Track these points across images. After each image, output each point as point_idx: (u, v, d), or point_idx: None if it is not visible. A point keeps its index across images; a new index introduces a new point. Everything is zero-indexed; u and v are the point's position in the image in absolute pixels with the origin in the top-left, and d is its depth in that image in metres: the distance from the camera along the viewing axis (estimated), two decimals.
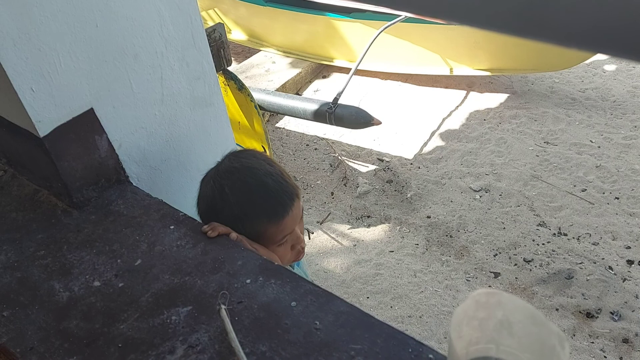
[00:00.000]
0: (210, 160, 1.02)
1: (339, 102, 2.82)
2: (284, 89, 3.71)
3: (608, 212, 2.56)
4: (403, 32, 3.33)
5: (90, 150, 0.99)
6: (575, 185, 2.74)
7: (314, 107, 2.88)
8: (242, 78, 2.28)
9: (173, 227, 0.94)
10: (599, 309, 2.13)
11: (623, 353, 1.98)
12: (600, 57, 3.66)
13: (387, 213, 2.75)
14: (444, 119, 3.39)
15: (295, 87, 3.88)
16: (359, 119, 2.80)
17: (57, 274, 0.87)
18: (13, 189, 1.08)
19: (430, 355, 0.66)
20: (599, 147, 2.99)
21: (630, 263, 2.30)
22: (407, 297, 2.27)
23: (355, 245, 2.60)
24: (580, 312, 2.14)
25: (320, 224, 2.73)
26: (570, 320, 2.11)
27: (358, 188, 2.91)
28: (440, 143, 3.20)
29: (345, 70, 3.76)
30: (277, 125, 3.55)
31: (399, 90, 3.74)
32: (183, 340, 0.73)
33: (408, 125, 3.37)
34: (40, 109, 0.89)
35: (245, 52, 4.44)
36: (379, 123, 2.80)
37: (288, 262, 1.03)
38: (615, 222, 2.49)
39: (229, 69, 2.06)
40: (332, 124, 2.89)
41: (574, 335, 2.05)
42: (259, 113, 2.19)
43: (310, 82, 4.00)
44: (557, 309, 2.16)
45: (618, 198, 2.63)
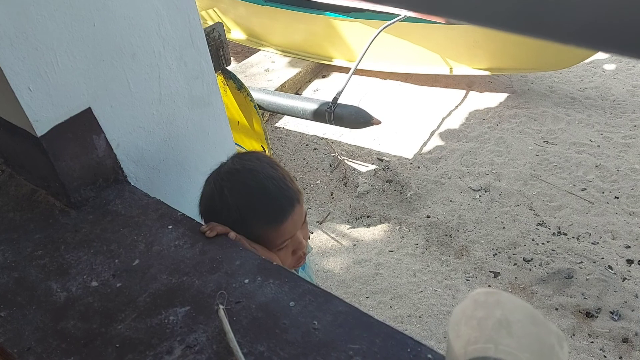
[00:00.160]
0: (209, 160, 1.01)
1: (339, 101, 2.82)
2: (284, 89, 3.71)
3: (608, 211, 2.55)
4: (403, 31, 3.33)
5: (88, 150, 0.99)
6: (575, 185, 2.74)
7: (314, 106, 2.87)
8: (241, 78, 2.27)
9: (171, 226, 0.93)
10: (599, 309, 2.13)
11: (623, 352, 1.97)
12: (600, 56, 3.66)
13: (386, 213, 2.75)
14: (444, 119, 3.39)
15: (295, 86, 3.87)
16: (359, 119, 2.79)
17: (54, 274, 0.87)
18: (10, 189, 1.08)
19: (429, 355, 0.66)
20: (599, 146, 2.98)
21: (630, 262, 2.30)
22: (406, 296, 2.27)
23: (355, 245, 2.59)
24: (580, 311, 2.13)
25: (320, 224, 2.73)
26: (570, 320, 2.10)
27: (358, 188, 2.91)
28: (440, 143, 3.20)
29: (345, 70, 3.76)
30: (276, 125, 3.54)
31: (399, 90, 3.74)
32: (181, 341, 0.73)
33: (408, 125, 3.37)
34: (38, 109, 0.88)
35: (245, 51, 4.44)
36: (379, 123, 2.80)
37: (289, 267, 1.00)
38: (615, 221, 2.49)
39: (228, 69, 2.06)
40: (331, 124, 2.88)
41: (574, 335, 2.05)
42: (259, 113, 2.19)
43: (310, 81, 4.00)
44: (556, 309, 2.15)
45: (618, 197, 2.63)
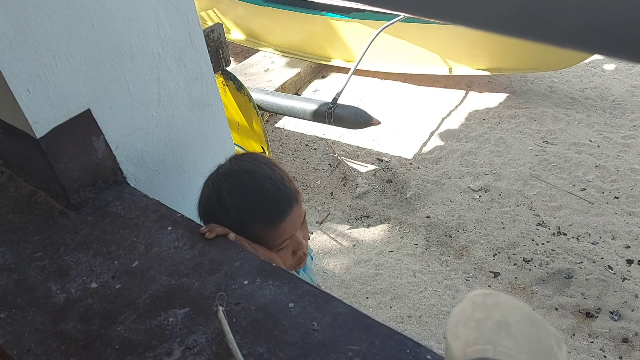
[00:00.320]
0: (208, 161, 1.01)
1: (338, 102, 2.82)
2: (283, 89, 3.71)
3: (607, 211, 2.55)
4: (402, 31, 3.33)
5: (87, 152, 0.99)
6: (575, 185, 2.74)
7: (313, 107, 2.87)
8: (241, 78, 2.27)
9: (170, 228, 0.93)
10: (599, 309, 2.13)
11: (623, 352, 1.97)
12: (600, 56, 3.65)
13: (386, 213, 2.75)
14: (443, 119, 3.39)
15: (295, 87, 3.87)
16: (358, 119, 2.79)
17: (54, 276, 0.87)
18: (10, 191, 1.08)
19: (428, 356, 0.66)
20: (598, 146, 2.98)
21: (630, 262, 2.30)
22: (406, 297, 2.27)
23: (355, 246, 2.59)
24: (580, 311, 2.13)
25: (320, 224, 2.73)
26: (570, 320, 2.10)
27: (357, 188, 2.91)
28: (440, 143, 3.20)
29: (345, 70, 3.76)
30: (276, 126, 3.54)
31: (398, 90, 3.74)
32: (180, 342, 0.73)
33: (407, 125, 3.37)
34: (37, 110, 0.89)
35: (244, 52, 4.44)
36: (378, 123, 2.80)
37: (289, 268, 1.00)
38: (615, 221, 2.49)
39: (228, 69, 2.06)
40: (331, 124, 2.88)
41: (574, 335, 2.05)
42: (258, 113, 2.19)
43: (310, 82, 4.00)
44: (556, 309, 2.15)
45: (617, 197, 2.63)
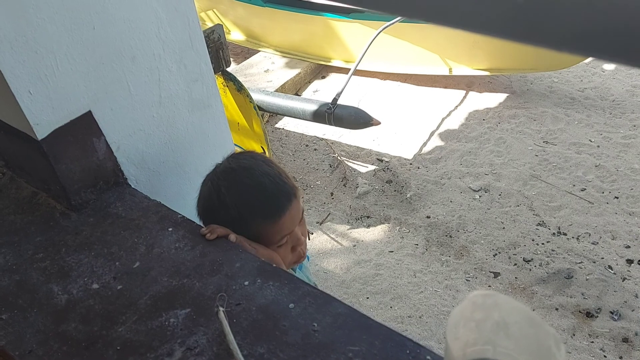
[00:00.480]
0: (209, 162, 1.02)
1: (338, 102, 2.82)
2: (283, 90, 3.71)
3: (607, 211, 2.56)
4: (402, 32, 3.34)
5: (88, 153, 0.99)
6: (575, 185, 2.74)
7: (313, 107, 2.88)
8: (241, 79, 2.27)
9: (171, 229, 0.94)
10: (599, 309, 2.13)
11: (623, 352, 1.98)
12: None
13: (386, 213, 2.75)
14: (443, 119, 3.39)
15: (295, 87, 3.88)
16: (358, 119, 2.80)
17: (55, 277, 0.87)
18: (11, 192, 1.08)
19: (428, 357, 0.66)
20: (598, 146, 2.99)
21: (630, 262, 2.30)
22: (406, 297, 2.27)
23: (355, 246, 2.60)
24: (580, 311, 2.14)
25: (320, 225, 2.73)
26: (570, 320, 2.11)
27: (357, 188, 2.91)
28: (440, 143, 3.20)
29: (344, 71, 3.76)
30: (276, 126, 3.55)
31: (398, 91, 3.75)
32: (181, 343, 0.73)
33: (407, 126, 3.37)
34: (38, 112, 0.89)
35: (245, 52, 4.44)
36: (378, 123, 2.80)
37: (289, 263, 1.02)
38: (615, 221, 2.49)
39: (228, 70, 2.06)
40: (331, 125, 2.89)
41: (574, 335, 2.05)
42: (258, 114, 2.20)
43: (310, 82, 4.00)
44: (556, 309, 2.16)
45: (617, 197, 2.63)
